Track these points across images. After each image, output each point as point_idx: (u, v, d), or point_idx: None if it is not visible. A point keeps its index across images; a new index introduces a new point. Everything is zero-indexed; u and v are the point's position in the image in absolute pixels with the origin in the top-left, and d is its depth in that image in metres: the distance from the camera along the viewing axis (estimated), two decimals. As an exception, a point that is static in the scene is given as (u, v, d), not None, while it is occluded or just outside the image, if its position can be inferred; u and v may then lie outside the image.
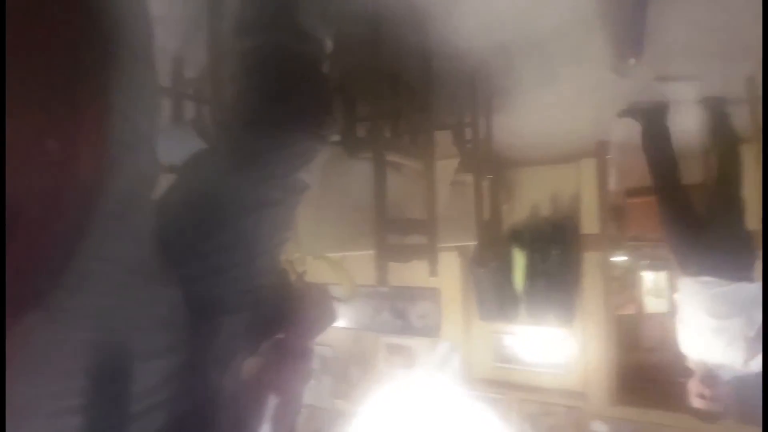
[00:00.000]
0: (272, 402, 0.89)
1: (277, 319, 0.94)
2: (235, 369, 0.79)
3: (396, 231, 1.69)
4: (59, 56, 0.49)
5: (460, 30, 1.75)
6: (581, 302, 3.46)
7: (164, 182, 0.85)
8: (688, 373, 2.35)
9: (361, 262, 1.77)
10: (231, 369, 0.78)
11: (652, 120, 2.48)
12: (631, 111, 2.50)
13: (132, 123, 0.61)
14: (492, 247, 2.69)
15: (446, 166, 2.06)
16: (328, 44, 1.00)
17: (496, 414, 3.60)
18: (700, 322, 2.23)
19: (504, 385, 3.73)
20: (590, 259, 3.43)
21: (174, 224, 0.73)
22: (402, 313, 3.97)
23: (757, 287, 2.21)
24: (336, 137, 1.66)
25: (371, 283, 1.63)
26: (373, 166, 1.66)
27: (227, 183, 0.81)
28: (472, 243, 2.48)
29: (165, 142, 0.79)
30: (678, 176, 2.46)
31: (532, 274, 3.50)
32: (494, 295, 3.61)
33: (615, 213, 3.79)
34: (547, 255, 3.46)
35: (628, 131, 2.70)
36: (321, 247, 1.48)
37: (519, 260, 3.53)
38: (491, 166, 2.43)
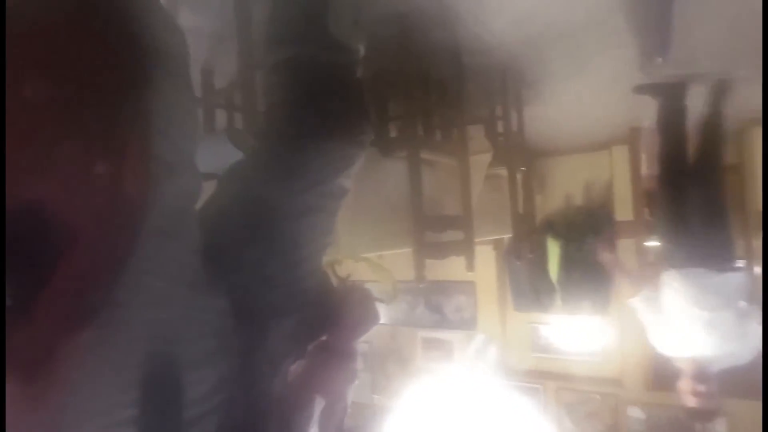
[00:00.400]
0: (319, 403, 0.92)
1: (321, 321, 0.97)
2: (283, 372, 0.82)
3: (433, 228, 1.70)
4: (100, 79, 0.52)
5: (488, 25, 1.74)
6: (616, 290, 3.39)
7: (203, 191, 0.88)
8: (679, 371, 2.20)
9: (396, 258, 1.79)
10: (279, 373, 0.81)
11: (669, 97, 2.34)
12: (648, 87, 2.35)
13: (172, 141, 0.63)
14: (527, 239, 2.66)
15: (480, 161, 2.05)
16: (361, 50, 1.00)
17: (534, 404, 3.58)
18: (691, 316, 2.08)
19: (541, 375, 3.70)
20: (625, 246, 3.35)
21: (218, 235, 0.76)
22: (438, 308, 3.98)
23: (744, 276, 2.12)
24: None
25: (406, 278, 1.65)
26: (407, 164, 1.67)
27: (269, 192, 0.83)
28: (507, 235, 2.46)
29: (200, 151, 0.83)
30: (684, 160, 2.33)
31: (566, 263, 3.45)
32: (529, 286, 3.58)
33: (649, 199, 3.69)
34: (582, 244, 3.40)
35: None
36: (359, 248, 1.50)
37: (553, 250, 3.48)
38: (524, 158, 2.40)
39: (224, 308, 0.70)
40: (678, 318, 2.12)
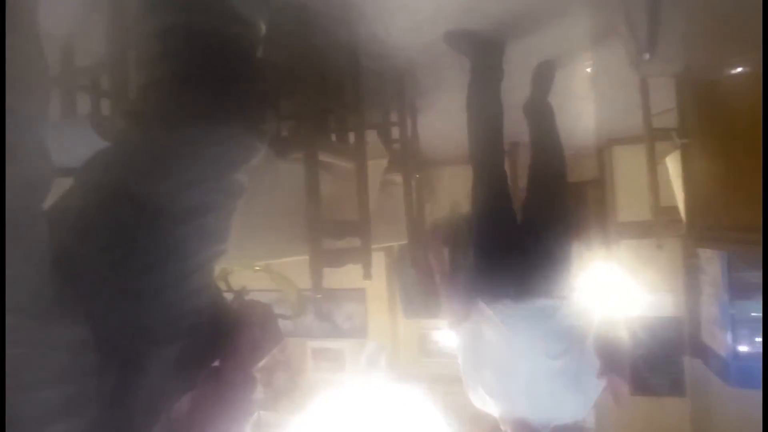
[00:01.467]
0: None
1: (212, 345, 0.82)
2: (165, 417, 0.67)
3: (330, 235, 1.61)
4: None
5: (388, 27, 1.71)
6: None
7: (56, 190, 0.69)
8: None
9: (284, 266, 1.66)
10: (160, 418, 0.66)
11: (481, 53, 1.82)
12: (458, 36, 1.77)
13: (15, 119, 0.47)
14: (421, 246, 2.69)
15: (376, 166, 2.00)
16: (263, 28, 0.88)
17: (424, 408, 3.65)
18: (533, 367, 1.56)
19: (431, 379, 3.79)
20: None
21: (74, 244, 0.59)
22: (328, 316, 3.88)
23: (583, 311, 1.67)
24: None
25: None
26: (303, 166, 1.57)
27: (145, 188, 0.67)
28: (401, 242, 2.46)
29: (55, 139, 0.64)
30: (494, 144, 1.87)
31: (454, 269, 3.58)
32: (419, 293, 3.64)
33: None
34: (467, 250, 3.55)
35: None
36: (251, 257, 1.35)
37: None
38: (418, 165, 2.42)
39: (82, 341, 0.54)
40: (500, 366, 1.60)
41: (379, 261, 3.65)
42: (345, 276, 1.87)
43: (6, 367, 0.45)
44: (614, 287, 3.63)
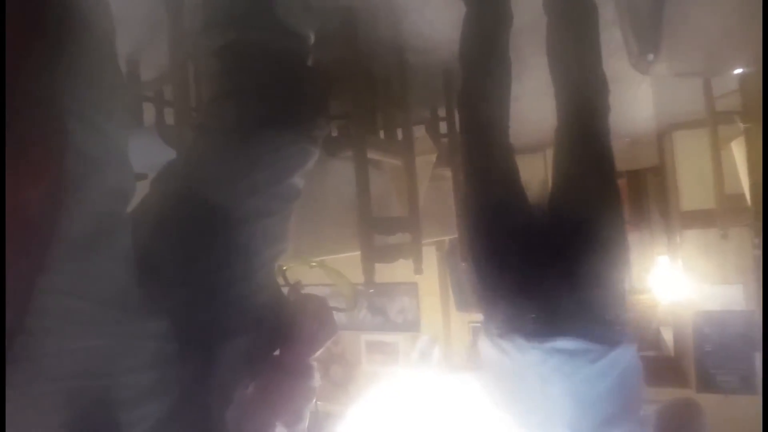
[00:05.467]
0: (277, 427, 0.84)
1: (273, 336, 0.88)
2: (236, 401, 0.73)
3: (381, 231, 1.65)
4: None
5: (434, 23, 1.72)
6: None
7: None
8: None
9: (337, 262, 1.72)
10: (232, 402, 0.72)
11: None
12: None
13: (97, 131, 0.53)
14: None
15: (425, 162, 2.02)
16: (312, 38, 0.93)
17: (477, 400, 3.64)
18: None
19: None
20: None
21: (154, 246, 0.66)
22: (381, 310, 3.94)
23: (632, 365, 1.12)
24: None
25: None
26: (353, 165, 1.61)
27: (214, 195, 0.73)
28: (451, 237, 2.47)
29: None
30: (497, 116, 1.32)
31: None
32: (470, 286, 3.63)
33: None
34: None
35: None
36: (305, 254, 1.42)
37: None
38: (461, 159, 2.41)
39: (164, 332, 0.60)
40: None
41: (430, 255, 3.67)
42: (397, 270, 1.91)
43: (97, 356, 0.51)
44: (678, 281, 3.46)
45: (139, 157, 1.02)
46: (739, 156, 2.13)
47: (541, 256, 1.17)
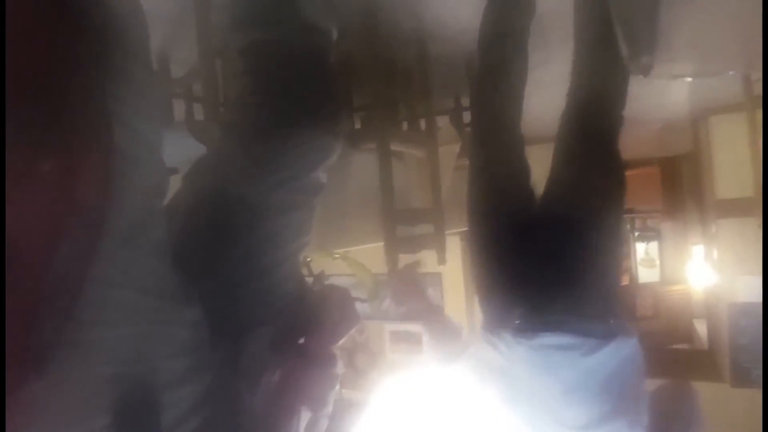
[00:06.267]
0: (304, 415, 0.86)
1: (298, 325, 0.91)
2: (263, 387, 0.76)
3: (404, 222, 1.66)
4: (41, 58, 0.44)
5: (455, 11, 1.70)
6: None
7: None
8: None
9: (360, 252, 1.75)
10: (259, 387, 0.75)
11: None
12: None
13: (135, 130, 0.56)
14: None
15: (448, 152, 2.02)
16: (334, 33, 0.94)
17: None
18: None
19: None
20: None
21: (187, 237, 0.70)
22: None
23: (634, 357, 1.08)
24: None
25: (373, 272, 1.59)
26: (376, 157, 1.62)
27: (242, 189, 0.77)
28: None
29: None
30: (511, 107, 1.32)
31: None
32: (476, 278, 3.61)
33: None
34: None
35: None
36: (329, 245, 1.45)
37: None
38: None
39: (198, 319, 0.63)
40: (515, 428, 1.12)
41: (454, 245, 3.66)
42: (421, 258, 1.92)
43: (138, 342, 0.54)
44: (713, 271, 3.36)
45: (170, 152, 1.06)
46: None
47: (531, 250, 1.15)
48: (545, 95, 2.69)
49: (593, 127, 1.20)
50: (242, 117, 0.85)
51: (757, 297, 3.14)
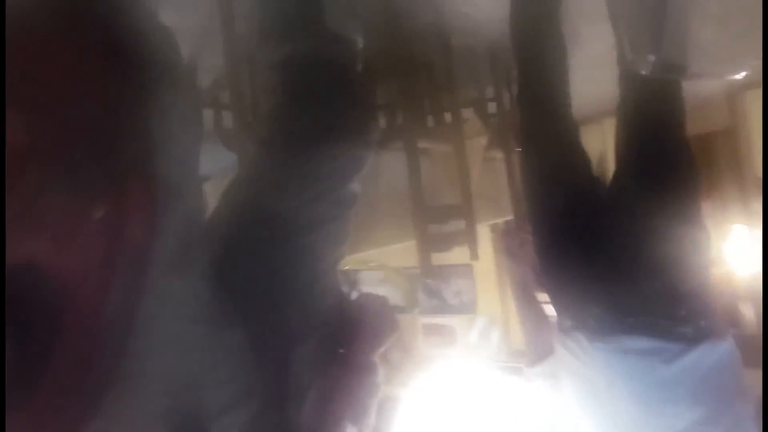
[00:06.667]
0: (345, 421, 0.87)
1: (339, 336, 0.91)
2: (309, 404, 0.76)
3: (435, 220, 1.64)
4: (91, 105, 0.44)
5: (476, 3, 1.66)
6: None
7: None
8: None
9: (396, 253, 1.73)
10: (306, 405, 0.76)
11: None
12: None
13: (175, 158, 0.57)
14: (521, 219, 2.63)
15: (475, 145, 1.99)
16: (360, 42, 0.93)
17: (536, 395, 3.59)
18: None
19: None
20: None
21: (227, 257, 0.70)
22: (437, 293, 3.95)
23: (732, 358, 1.01)
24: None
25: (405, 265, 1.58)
26: (404, 155, 1.61)
27: (280, 205, 0.77)
28: (506, 218, 2.42)
29: None
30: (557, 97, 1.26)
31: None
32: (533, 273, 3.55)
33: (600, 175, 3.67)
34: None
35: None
36: (362, 246, 1.44)
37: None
38: (519, 138, 2.35)
39: (242, 342, 0.64)
40: None
41: (485, 236, 3.62)
42: (453, 252, 1.91)
43: (190, 372, 0.55)
44: (756, 252, 3.23)
45: (202, 160, 1.07)
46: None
47: (604, 244, 1.08)
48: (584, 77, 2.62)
49: (654, 108, 1.15)
50: (276, 131, 0.85)
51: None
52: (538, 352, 1.24)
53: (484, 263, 3.76)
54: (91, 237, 0.42)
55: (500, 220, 2.58)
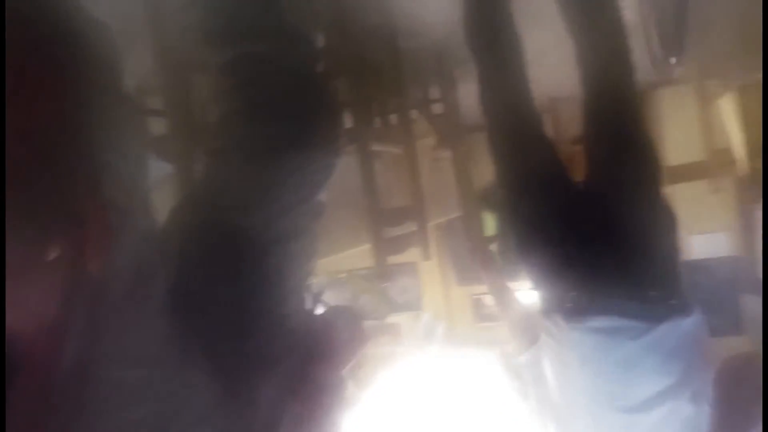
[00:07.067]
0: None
1: (308, 354, 0.87)
2: (284, 427, 0.72)
3: (389, 222, 1.63)
4: (45, 127, 0.38)
5: (424, 4, 1.66)
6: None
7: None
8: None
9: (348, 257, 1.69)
10: (281, 426, 0.71)
11: None
12: None
13: (123, 178, 0.50)
14: (470, 215, 2.68)
15: (424, 145, 2.00)
16: (321, 41, 0.88)
17: (483, 374, 3.71)
18: (595, 420, 1.06)
19: (488, 343, 3.82)
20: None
21: (183, 282, 0.63)
22: (383, 293, 3.95)
23: (696, 331, 1.05)
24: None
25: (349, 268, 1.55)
26: (357, 158, 1.58)
27: (242, 220, 0.70)
28: (454, 216, 2.46)
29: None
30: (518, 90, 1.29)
31: (504, 238, 3.55)
32: (469, 259, 3.65)
33: (568, 162, 3.88)
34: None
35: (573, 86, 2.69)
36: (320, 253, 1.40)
37: (490, 222, 3.56)
38: (464, 137, 2.39)
39: (207, 376, 0.58)
40: (561, 420, 1.14)
41: (430, 234, 3.66)
42: (406, 254, 1.91)
43: (153, 419, 0.49)
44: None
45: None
46: (728, 111, 2.15)
47: (576, 229, 1.13)
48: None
49: (614, 97, 1.19)
50: (232, 140, 0.77)
51: (708, 253, 3.31)
52: (523, 342, 1.29)
53: (428, 260, 3.81)
54: (45, 279, 0.36)
55: (445, 219, 2.62)
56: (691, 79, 1.81)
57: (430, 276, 3.87)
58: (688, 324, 1.04)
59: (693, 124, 2.56)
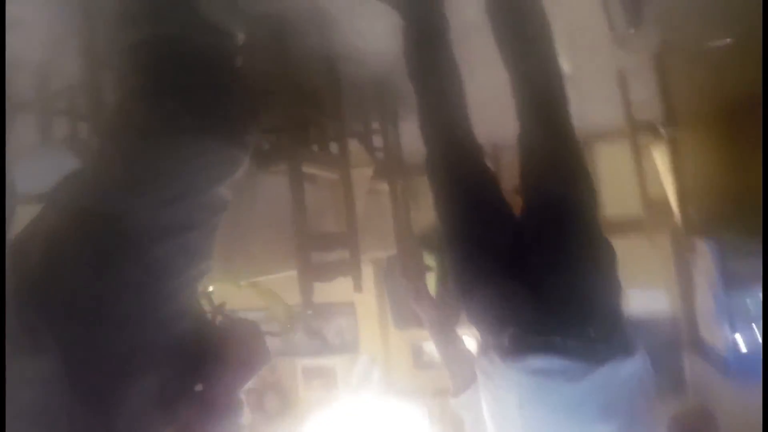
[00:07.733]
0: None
1: (195, 369, 0.76)
2: None
3: (318, 248, 1.55)
4: None
5: (364, 33, 1.68)
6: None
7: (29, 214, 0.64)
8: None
9: (273, 283, 1.59)
10: None
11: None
12: None
13: None
14: (411, 255, 2.64)
15: (361, 175, 1.97)
16: (240, 37, 0.85)
17: (419, 422, 3.57)
18: None
19: (426, 392, 3.70)
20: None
21: (44, 269, 0.55)
22: (318, 332, 3.79)
23: (639, 363, 1.00)
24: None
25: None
26: (287, 179, 1.52)
27: (121, 207, 0.62)
28: (390, 253, 2.42)
29: (33, 165, 0.60)
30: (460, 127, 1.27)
31: (443, 277, 3.53)
32: (408, 303, 3.58)
33: (508, 196, 3.94)
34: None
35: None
36: (236, 274, 1.29)
37: (430, 265, 3.54)
38: (403, 173, 2.39)
39: (54, 374, 0.48)
40: None
41: (367, 273, 3.58)
42: (334, 290, 1.81)
43: None
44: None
45: (47, 174, 0.87)
46: (662, 161, 2.24)
47: (515, 266, 1.08)
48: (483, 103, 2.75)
49: (552, 134, 1.18)
50: (125, 120, 0.70)
51: (646, 310, 3.37)
52: (460, 383, 1.21)
53: (366, 300, 3.71)
54: None
55: (383, 255, 2.57)
56: (651, 48, 1.82)
57: (367, 316, 3.77)
58: (631, 365, 0.98)
59: (628, 176, 2.60)
